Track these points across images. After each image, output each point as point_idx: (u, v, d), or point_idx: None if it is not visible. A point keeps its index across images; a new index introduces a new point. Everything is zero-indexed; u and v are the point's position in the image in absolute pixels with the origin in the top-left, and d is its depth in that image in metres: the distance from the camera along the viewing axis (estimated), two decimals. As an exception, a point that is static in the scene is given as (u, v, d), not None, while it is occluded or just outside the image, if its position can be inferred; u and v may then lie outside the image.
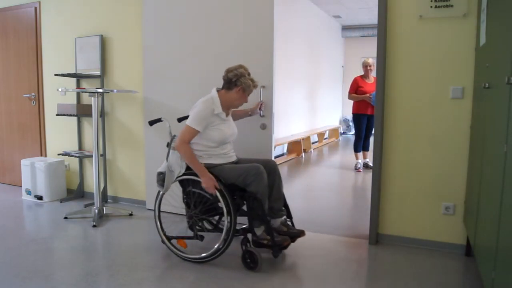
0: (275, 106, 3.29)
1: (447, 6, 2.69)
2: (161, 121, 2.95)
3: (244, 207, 2.70)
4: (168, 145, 2.74)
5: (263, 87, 3.18)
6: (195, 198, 2.68)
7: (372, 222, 3.01)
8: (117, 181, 4.15)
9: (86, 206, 3.96)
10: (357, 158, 5.95)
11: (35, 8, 4.42)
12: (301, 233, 2.74)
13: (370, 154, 5.28)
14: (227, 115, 2.75)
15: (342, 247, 2.97)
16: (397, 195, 2.98)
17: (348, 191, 4.91)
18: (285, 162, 6.70)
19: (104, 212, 3.70)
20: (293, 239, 2.72)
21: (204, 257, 2.65)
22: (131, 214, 3.71)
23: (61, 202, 4.15)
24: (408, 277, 2.47)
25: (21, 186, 4.36)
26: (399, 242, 2.99)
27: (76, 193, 4.33)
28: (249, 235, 2.63)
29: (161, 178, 2.65)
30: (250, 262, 2.57)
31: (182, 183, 2.74)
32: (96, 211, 3.54)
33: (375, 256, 2.84)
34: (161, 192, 2.78)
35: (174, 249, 2.77)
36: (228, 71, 2.70)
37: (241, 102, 2.74)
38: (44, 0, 4.37)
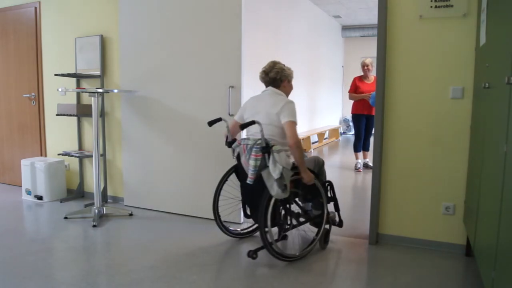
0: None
1: (447, 6, 2.69)
2: (221, 120, 2.87)
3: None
4: (266, 148, 2.52)
5: (232, 87, 3.31)
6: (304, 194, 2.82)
7: (372, 222, 3.01)
8: (117, 181, 4.15)
9: (86, 206, 3.96)
10: (357, 158, 5.95)
11: (35, 8, 4.42)
12: None
13: (370, 154, 5.28)
14: None
15: (342, 247, 2.97)
16: (397, 195, 2.98)
17: (348, 191, 4.90)
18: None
19: (104, 212, 3.70)
20: None
21: (303, 252, 2.75)
22: (131, 214, 3.71)
23: (61, 202, 4.16)
24: (408, 277, 2.47)
25: (21, 186, 4.36)
26: (399, 242, 2.99)
27: (76, 193, 4.34)
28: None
29: (283, 183, 2.50)
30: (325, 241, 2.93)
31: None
32: (96, 211, 3.55)
33: (375, 256, 2.84)
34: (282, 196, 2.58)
35: (275, 254, 2.62)
36: (267, 72, 2.83)
37: (290, 91, 2.97)
38: (44, 0, 4.37)
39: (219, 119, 2.87)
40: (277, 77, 2.80)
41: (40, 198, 4.18)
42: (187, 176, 3.65)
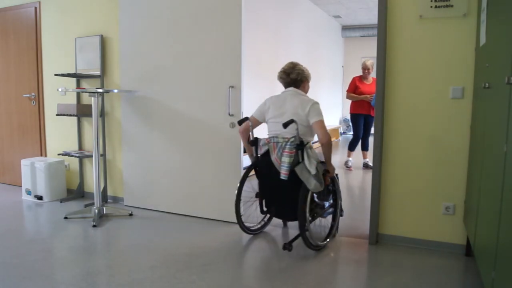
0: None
1: (447, 6, 2.69)
2: (247, 119, 3.00)
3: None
4: (301, 145, 2.72)
5: (232, 87, 3.33)
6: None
7: (372, 222, 3.01)
8: (117, 181, 4.15)
9: (86, 206, 3.96)
10: (349, 156, 5.97)
11: (35, 8, 4.42)
12: None
13: (370, 154, 5.28)
14: None
15: (342, 247, 2.97)
16: (397, 195, 2.98)
17: (348, 191, 4.90)
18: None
19: (104, 212, 3.70)
20: None
21: (330, 241, 3.02)
22: (131, 214, 3.71)
23: (61, 202, 4.16)
24: (408, 277, 2.47)
25: (21, 186, 4.36)
26: (399, 242, 2.99)
27: (76, 193, 4.33)
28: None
29: (319, 176, 2.71)
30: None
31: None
32: (96, 211, 3.54)
33: (375, 256, 2.84)
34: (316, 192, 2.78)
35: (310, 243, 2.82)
36: (287, 73, 2.94)
37: (308, 90, 3.07)
38: (44, 0, 4.37)
39: (246, 118, 3.00)
40: (298, 78, 2.93)
41: (40, 198, 4.18)
42: (187, 176, 3.65)
